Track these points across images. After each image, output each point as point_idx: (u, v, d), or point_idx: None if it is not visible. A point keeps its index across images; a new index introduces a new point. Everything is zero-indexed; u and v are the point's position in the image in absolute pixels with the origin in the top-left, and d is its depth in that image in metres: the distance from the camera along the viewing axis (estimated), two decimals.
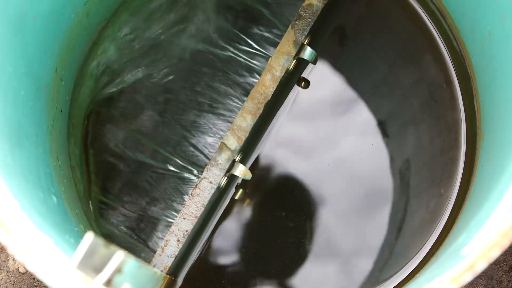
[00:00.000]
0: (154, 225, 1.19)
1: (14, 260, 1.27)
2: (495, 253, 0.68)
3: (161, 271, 1.11)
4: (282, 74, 1.15)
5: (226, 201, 1.19)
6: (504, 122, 0.93)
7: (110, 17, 1.19)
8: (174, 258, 1.12)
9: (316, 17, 1.16)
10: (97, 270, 0.69)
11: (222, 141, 1.14)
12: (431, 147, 1.17)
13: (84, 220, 1.12)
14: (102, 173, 1.21)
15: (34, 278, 1.26)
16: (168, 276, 1.11)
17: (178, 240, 1.13)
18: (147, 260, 1.15)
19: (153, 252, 1.16)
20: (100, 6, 1.13)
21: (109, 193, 1.20)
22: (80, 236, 0.98)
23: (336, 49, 1.23)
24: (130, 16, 1.21)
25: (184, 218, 1.13)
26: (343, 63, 1.21)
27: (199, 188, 1.13)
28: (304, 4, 1.17)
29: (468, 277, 0.68)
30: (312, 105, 1.20)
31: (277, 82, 1.15)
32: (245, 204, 1.20)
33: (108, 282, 0.69)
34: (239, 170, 1.14)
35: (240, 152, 1.15)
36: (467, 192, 1.10)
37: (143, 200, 1.20)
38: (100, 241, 0.69)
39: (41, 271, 0.69)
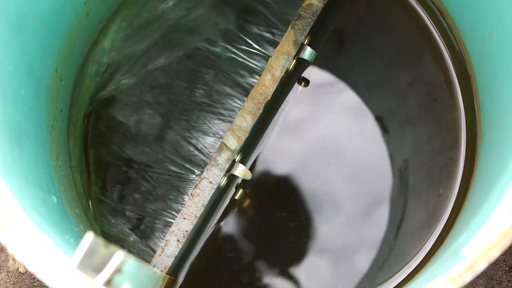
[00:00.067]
0: (154, 225, 1.19)
1: (14, 260, 1.27)
2: (495, 253, 0.68)
3: (161, 271, 1.11)
4: (282, 74, 1.15)
5: (226, 201, 1.19)
6: (504, 122, 0.93)
7: (110, 17, 1.19)
8: (174, 258, 1.12)
9: (316, 17, 1.16)
10: (97, 270, 0.69)
11: (222, 141, 1.14)
12: (431, 147, 1.17)
13: (84, 220, 1.11)
14: (102, 173, 1.21)
15: (34, 278, 1.26)
16: (168, 276, 1.11)
17: (178, 240, 1.13)
18: (147, 260, 1.15)
19: (153, 252, 1.16)
20: (100, 6, 1.13)
21: (109, 193, 1.20)
22: (80, 236, 0.97)
23: (336, 49, 1.22)
24: (130, 16, 1.20)
25: (184, 218, 1.13)
26: (343, 63, 1.21)
27: (199, 188, 1.13)
28: (304, 4, 1.17)
29: (468, 277, 0.68)
30: (313, 105, 1.20)
31: (277, 82, 1.15)
32: (245, 204, 1.20)
33: (108, 282, 0.69)
34: (239, 170, 1.13)
35: (240, 152, 1.15)
36: (467, 192, 1.10)
37: (143, 200, 1.20)
38: (100, 241, 0.69)
39: (41, 271, 0.69)
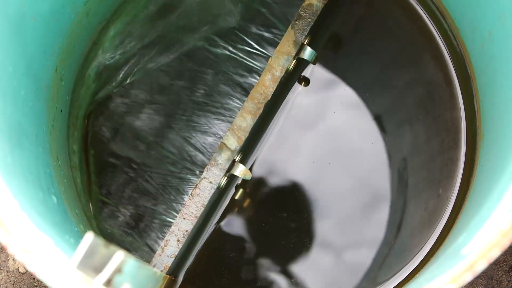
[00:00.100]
0: (154, 225, 1.19)
1: (14, 260, 1.27)
2: (495, 253, 0.68)
3: (161, 271, 1.11)
4: (282, 74, 1.15)
5: (226, 201, 1.19)
6: (504, 122, 0.93)
7: (110, 17, 1.19)
8: (174, 258, 1.12)
9: (316, 17, 1.16)
10: (97, 270, 0.69)
11: (222, 141, 1.14)
12: (431, 147, 1.17)
13: (84, 220, 1.11)
14: (102, 173, 1.21)
15: (34, 278, 1.26)
16: (168, 276, 1.11)
17: (178, 240, 1.13)
18: (147, 260, 1.15)
19: (153, 252, 1.16)
20: (100, 6, 1.12)
21: (109, 193, 1.20)
22: (80, 236, 0.97)
23: (336, 49, 1.22)
24: (130, 16, 1.20)
25: (184, 218, 1.13)
26: (343, 63, 1.21)
27: (199, 188, 1.13)
28: (304, 4, 1.17)
29: (468, 277, 0.68)
30: (312, 105, 1.20)
31: (277, 82, 1.15)
32: (245, 204, 1.20)
33: (108, 282, 0.69)
34: (239, 170, 1.13)
35: (240, 152, 1.15)
36: (467, 192, 1.10)
37: (143, 200, 1.20)
38: (100, 241, 0.69)
39: (41, 271, 0.69)
